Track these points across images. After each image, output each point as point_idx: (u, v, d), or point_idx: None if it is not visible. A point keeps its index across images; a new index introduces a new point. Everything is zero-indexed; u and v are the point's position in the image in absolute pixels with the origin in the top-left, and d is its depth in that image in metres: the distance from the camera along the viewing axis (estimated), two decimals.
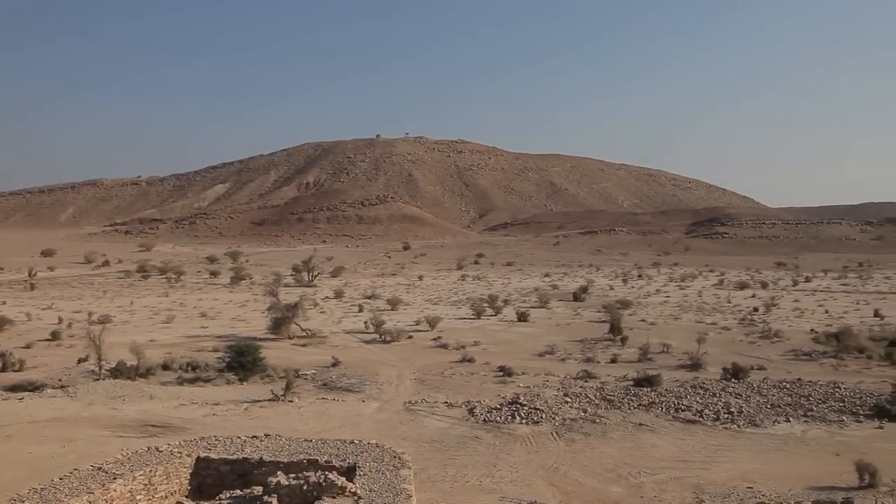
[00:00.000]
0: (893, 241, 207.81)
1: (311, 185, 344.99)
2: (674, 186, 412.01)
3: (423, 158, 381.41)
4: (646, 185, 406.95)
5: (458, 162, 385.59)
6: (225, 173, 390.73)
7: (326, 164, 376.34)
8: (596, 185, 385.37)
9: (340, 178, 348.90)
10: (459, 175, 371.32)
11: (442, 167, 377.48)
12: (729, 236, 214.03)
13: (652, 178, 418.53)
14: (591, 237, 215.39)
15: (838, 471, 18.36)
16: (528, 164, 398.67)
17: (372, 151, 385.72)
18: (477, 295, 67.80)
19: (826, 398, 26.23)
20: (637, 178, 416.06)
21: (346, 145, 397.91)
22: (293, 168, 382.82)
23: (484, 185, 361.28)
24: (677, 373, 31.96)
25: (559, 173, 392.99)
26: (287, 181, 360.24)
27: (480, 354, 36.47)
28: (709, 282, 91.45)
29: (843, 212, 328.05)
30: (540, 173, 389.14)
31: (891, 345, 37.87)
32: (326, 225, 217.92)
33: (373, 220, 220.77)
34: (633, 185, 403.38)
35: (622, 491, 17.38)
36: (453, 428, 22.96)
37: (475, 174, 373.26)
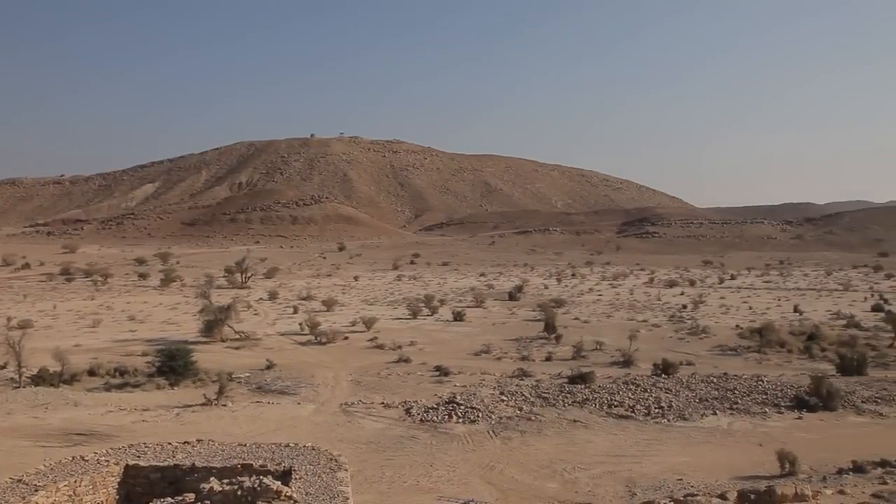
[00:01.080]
0: (811, 240, 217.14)
1: (244, 185, 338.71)
2: (606, 187, 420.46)
3: (359, 158, 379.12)
4: (578, 185, 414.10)
5: (394, 162, 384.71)
6: (154, 172, 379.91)
7: (259, 164, 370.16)
8: (530, 186, 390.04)
9: (274, 178, 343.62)
10: (395, 175, 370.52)
11: (377, 167, 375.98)
12: (659, 236, 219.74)
13: (584, 179, 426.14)
14: (526, 237, 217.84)
15: (761, 460, 19.05)
16: (464, 165, 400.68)
17: (306, 151, 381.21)
18: (413, 295, 67.75)
19: (750, 391, 27.16)
20: (570, 178, 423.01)
21: (280, 145, 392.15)
22: (225, 167, 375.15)
23: (419, 185, 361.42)
24: (610, 369, 32.62)
25: (494, 174, 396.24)
26: (219, 181, 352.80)
27: (417, 354, 36.47)
28: (640, 280, 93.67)
29: (765, 212, 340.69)
30: (475, 173, 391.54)
31: (809, 339, 39.58)
32: (260, 225, 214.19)
33: (307, 221, 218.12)
34: (566, 185, 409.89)
35: (557, 487, 17.63)
36: (390, 428, 22.88)
37: (411, 174, 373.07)
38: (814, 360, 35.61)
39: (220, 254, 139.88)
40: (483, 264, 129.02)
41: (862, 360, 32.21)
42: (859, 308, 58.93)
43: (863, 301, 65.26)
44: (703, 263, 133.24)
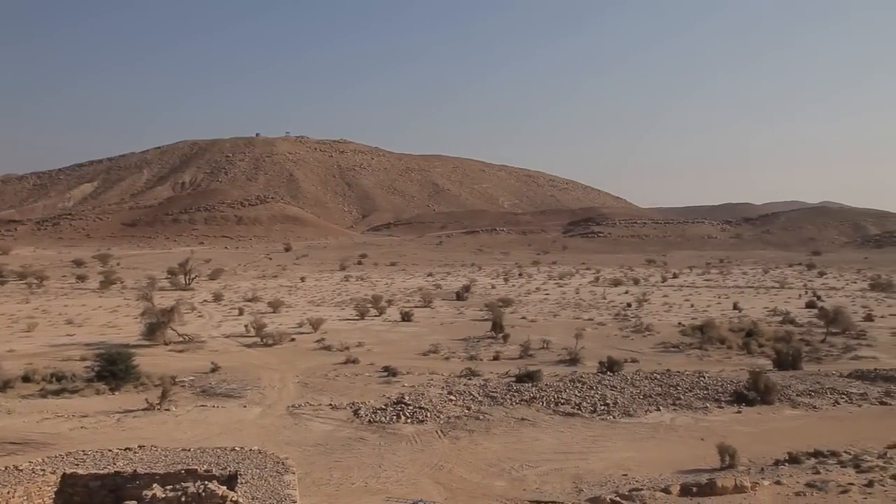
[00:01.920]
0: (749, 240, 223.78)
1: (188, 185, 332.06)
2: (552, 187, 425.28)
3: (305, 158, 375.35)
4: (525, 185, 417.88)
5: (341, 162, 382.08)
6: (92, 172, 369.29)
7: (203, 163, 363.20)
8: (477, 186, 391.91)
9: (218, 178, 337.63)
10: (342, 175, 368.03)
11: (324, 167, 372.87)
12: (604, 235, 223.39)
13: (531, 179, 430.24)
14: (473, 237, 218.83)
15: (703, 454, 19.54)
16: (411, 165, 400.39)
17: (251, 151, 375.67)
18: (360, 295, 67.41)
19: (692, 387, 27.82)
20: (517, 178, 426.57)
21: (224, 144, 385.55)
22: (168, 167, 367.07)
23: (367, 185, 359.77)
24: (557, 368, 33.00)
25: (441, 174, 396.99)
26: (161, 180, 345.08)
27: (365, 355, 36.29)
28: (585, 279, 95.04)
29: (706, 212, 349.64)
30: (422, 174, 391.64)
31: (747, 335, 40.74)
32: (204, 226, 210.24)
33: (253, 221, 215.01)
34: (513, 185, 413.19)
35: (506, 485, 17.76)
36: (338, 430, 22.72)
37: (358, 174, 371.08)
38: (752, 355, 36.64)
39: (162, 255, 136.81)
40: (431, 264, 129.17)
41: (797, 354, 33.33)
42: (794, 305, 60.94)
43: (797, 298, 67.51)
44: (647, 262, 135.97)
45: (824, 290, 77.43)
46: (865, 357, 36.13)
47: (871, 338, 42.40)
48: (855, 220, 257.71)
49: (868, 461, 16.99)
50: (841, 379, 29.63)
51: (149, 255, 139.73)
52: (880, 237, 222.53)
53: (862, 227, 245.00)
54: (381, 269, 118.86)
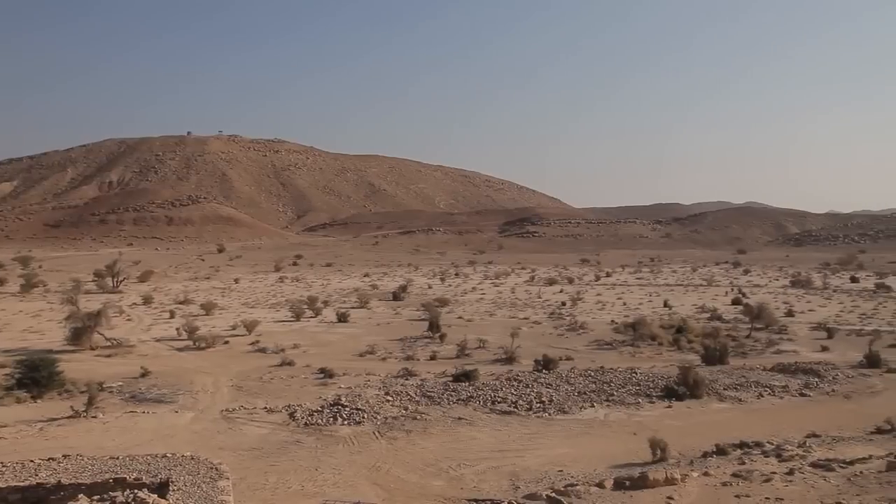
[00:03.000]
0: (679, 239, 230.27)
1: (115, 185, 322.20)
2: (488, 187, 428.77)
3: (238, 157, 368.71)
4: (461, 186, 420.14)
5: (275, 162, 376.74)
6: (12, 170, 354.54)
7: (132, 162, 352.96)
8: (413, 186, 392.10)
9: (148, 177, 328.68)
10: (276, 175, 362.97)
11: (258, 167, 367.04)
12: (539, 235, 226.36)
13: (467, 180, 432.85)
14: (410, 237, 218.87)
15: (635, 448, 20.02)
16: (347, 165, 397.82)
17: (182, 149, 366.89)
18: (296, 297, 66.59)
19: (625, 383, 28.46)
20: (453, 179, 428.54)
21: (154, 142, 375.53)
22: (94, 166, 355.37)
23: (302, 185, 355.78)
24: (493, 367, 33.28)
25: (378, 174, 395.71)
26: (87, 180, 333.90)
27: (300, 357, 35.86)
28: (521, 279, 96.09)
29: (638, 212, 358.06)
30: (358, 174, 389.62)
31: (677, 332, 41.91)
32: (133, 227, 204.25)
33: (184, 222, 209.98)
34: (449, 185, 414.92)
35: (443, 484, 17.83)
36: (273, 434, 22.40)
37: (293, 174, 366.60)
38: (682, 351, 37.69)
39: (88, 257, 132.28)
40: (367, 265, 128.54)
41: (724, 350, 34.46)
42: (721, 302, 62.97)
43: (724, 295, 69.78)
44: (581, 262, 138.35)
45: (749, 287, 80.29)
46: (787, 351, 37.62)
47: (792, 332, 44.17)
48: (777, 219, 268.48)
49: (789, 450, 17.72)
50: (764, 372, 30.78)
51: (74, 257, 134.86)
52: (800, 236, 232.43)
53: (783, 227, 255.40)
54: (316, 269, 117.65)
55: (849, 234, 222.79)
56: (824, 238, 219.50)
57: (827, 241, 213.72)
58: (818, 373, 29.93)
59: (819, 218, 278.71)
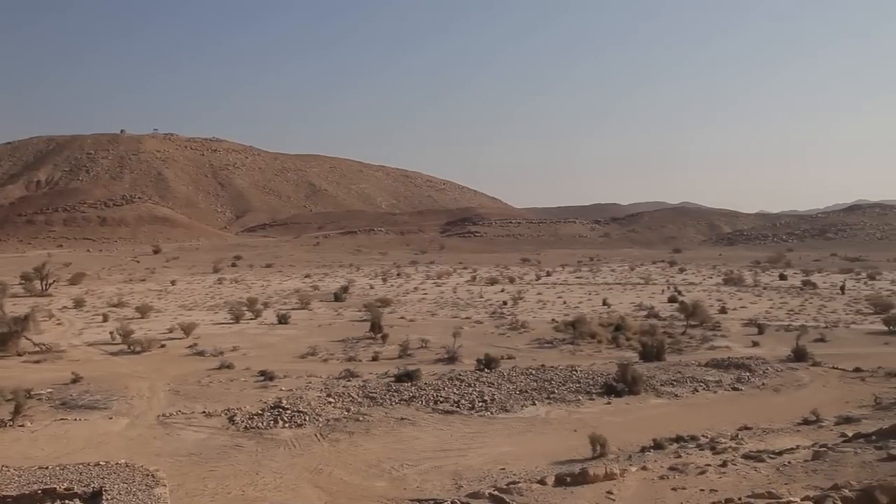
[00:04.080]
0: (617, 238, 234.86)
1: (44, 184, 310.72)
2: (429, 188, 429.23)
3: (175, 157, 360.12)
4: (403, 186, 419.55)
5: (213, 161, 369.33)
6: None
7: (61, 161, 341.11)
8: (355, 186, 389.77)
9: (79, 177, 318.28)
10: (214, 175, 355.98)
11: (195, 166, 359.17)
12: (480, 235, 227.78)
13: (408, 180, 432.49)
14: (351, 237, 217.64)
15: (576, 445, 20.34)
16: (287, 165, 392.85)
17: (116, 148, 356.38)
18: (235, 298, 65.41)
19: (565, 381, 28.86)
20: (394, 179, 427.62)
21: (85, 140, 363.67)
22: (20, 164, 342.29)
23: (241, 185, 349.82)
24: (435, 366, 33.33)
25: (318, 174, 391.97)
26: (13, 178, 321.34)
27: (240, 360, 35.24)
28: (463, 278, 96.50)
29: (577, 212, 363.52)
30: (299, 174, 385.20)
31: (616, 330, 42.72)
32: (63, 227, 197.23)
33: (118, 223, 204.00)
34: (390, 186, 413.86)
35: (386, 485, 17.78)
36: (212, 438, 21.97)
37: (231, 174, 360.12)
38: (620, 348, 38.43)
39: (15, 259, 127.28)
40: (308, 265, 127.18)
41: (660, 346, 35.29)
42: (658, 300, 64.46)
43: (661, 293, 71.44)
44: (522, 261, 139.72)
45: (684, 285, 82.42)
46: (720, 347, 38.73)
47: (725, 329, 45.51)
48: (710, 219, 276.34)
49: (723, 443, 18.27)
50: (699, 368, 31.65)
51: None
52: (732, 235, 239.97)
53: (716, 226, 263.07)
54: (256, 270, 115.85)
55: (777, 234, 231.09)
56: (755, 237, 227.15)
57: (757, 240, 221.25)
58: (749, 367, 30.91)
59: (750, 218, 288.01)
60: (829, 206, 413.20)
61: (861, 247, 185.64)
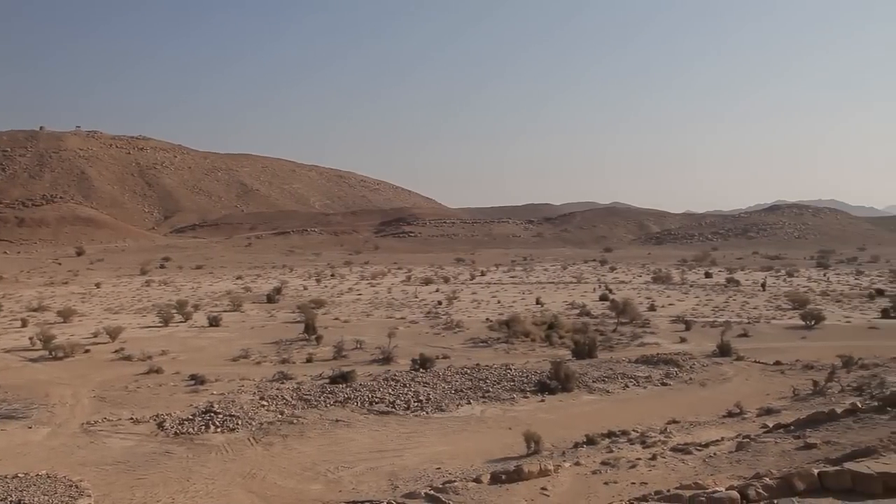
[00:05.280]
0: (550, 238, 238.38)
1: None
2: (363, 188, 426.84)
3: (99, 155, 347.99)
4: (336, 186, 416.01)
5: (140, 160, 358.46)
6: None
7: None
8: (287, 186, 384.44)
9: None
10: (141, 174, 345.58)
11: (121, 165, 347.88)
12: (414, 235, 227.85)
13: (342, 180, 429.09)
14: (284, 238, 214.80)
15: (511, 442, 20.54)
16: (217, 164, 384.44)
17: (35, 145, 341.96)
18: (164, 301, 63.70)
19: (500, 379, 29.11)
20: (328, 179, 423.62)
21: (1, 137, 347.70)
22: None
23: (169, 184, 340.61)
24: (370, 367, 33.16)
25: (250, 174, 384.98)
26: None
27: (170, 364, 34.34)
28: (397, 279, 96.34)
29: (510, 212, 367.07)
30: (230, 173, 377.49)
31: (549, 328, 43.30)
32: None
33: (38, 223, 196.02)
34: (324, 186, 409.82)
35: (321, 488, 17.61)
36: (140, 445, 21.34)
37: (159, 173, 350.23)
38: (553, 346, 38.96)
39: None
40: (240, 267, 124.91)
41: (592, 344, 35.94)
42: (589, 298, 65.65)
43: (592, 292, 72.81)
44: (456, 261, 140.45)
45: (615, 283, 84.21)
46: (650, 343, 39.71)
47: (654, 326, 46.69)
48: (639, 219, 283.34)
49: (652, 437, 18.75)
50: (629, 364, 32.37)
51: None
52: (660, 234, 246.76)
53: (645, 226, 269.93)
54: (186, 272, 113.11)
55: (703, 233, 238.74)
56: (682, 236, 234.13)
57: (684, 239, 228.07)
58: (677, 363, 31.77)
59: (677, 217, 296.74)
60: (751, 207, 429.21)
61: (780, 245, 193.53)
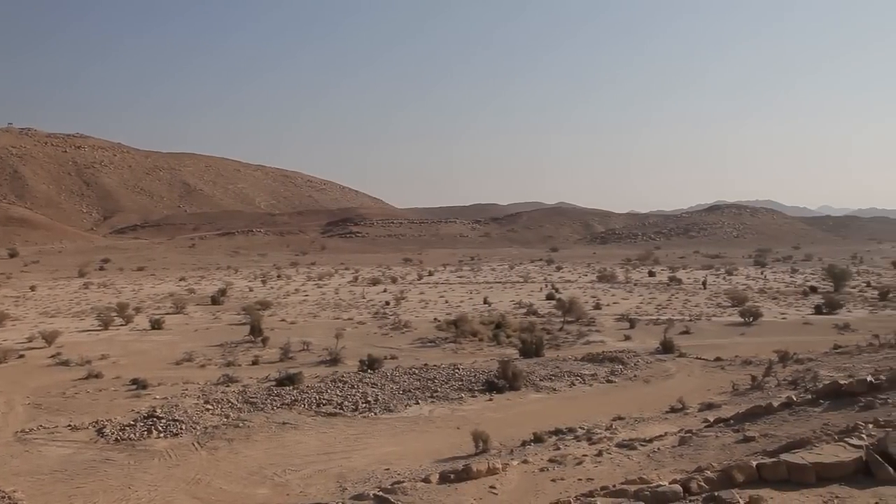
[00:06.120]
0: (497, 238, 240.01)
1: None
2: (310, 188, 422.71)
3: (33, 153, 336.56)
4: (282, 186, 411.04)
5: (77, 158, 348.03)
6: None
7: None
8: (232, 186, 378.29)
9: None
10: (79, 173, 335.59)
11: (57, 164, 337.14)
12: (362, 235, 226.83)
13: (288, 180, 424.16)
14: (229, 238, 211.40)
15: (459, 442, 20.61)
16: (159, 163, 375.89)
17: None
18: (104, 304, 61.96)
19: (448, 379, 29.18)
20: (274, 179, 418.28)
21: None
22: None
23: (109, 184, 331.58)
24: (318, 369, 32.88)
25: (193, 173, 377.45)
26: None
27: (110, 368, 33.41)
28: (345, 279, 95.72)
29: (458, 212, 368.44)
30: (172, 173, 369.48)
31: (497, 327, 43.62)
32: None
33: None
34: (269, 185, 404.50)
35: (268, 492, 17.38)
36: (79, 453, 20.71)
37: (98, 172, 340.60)
38: (501, 346, 39.24)
39: None
40: (183, 268, 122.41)
41: (539, 343, 36.32)
42: (536, 297, 66.33)
43: (539, 291, 73.56)
44: (404, 261, 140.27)
45: (561, 282, 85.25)
46: (595, 341, 40.33)
47: (600, 324, 47.42)
48: (585, 219, 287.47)
49: (598, 433, 19.03)
50: (576, 362, 32.82)
51: None
52: (605, 234, 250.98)
53: (590, 226, 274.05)
54: (127, 274, 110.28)
55: (646, 233, 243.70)
56: (626, 236, 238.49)
57: (628, 238, 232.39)
58: (622, 360, 32.33)
59: (621, 217, 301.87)
60: (693, 207, 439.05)
61: (720, 244, 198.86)
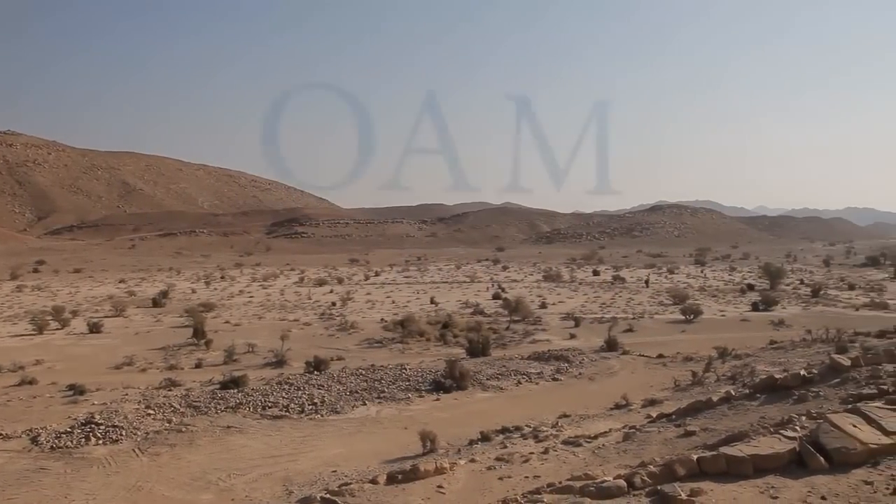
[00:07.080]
0: (443, 238, 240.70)
1: None
2: (254, 188, 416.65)
3: None
4: (226, 185, 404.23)
5: (9, 156, 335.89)
6: None
7: None
8: (174, 186, 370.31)
9: None
10: (11, 172, 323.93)
11: None
12: (308, 236, 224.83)
13: (232, 180, 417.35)
14: (171, 239, 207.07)
15: (407, 442, 20.58)
16: (97, 162, 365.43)
17: None
18: (38, 307, 59.92)
19: (395, 379, 29.10)
20: (217, 178, 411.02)
21: None
22: None
23: (43, 183, 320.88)
24: (263, 371, 32.45)
25: (133, 172, 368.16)
26: None
27: (45, 374, 32.32)
28: (290, 280, 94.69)
29: (404, 212, 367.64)
30: (111, 172, 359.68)
31: (443, 327, 43.73)
32: None
33: None
34: (212, 185, 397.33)
35: (213, 497, 17.07)
36: (11, 462, 19.97)
37: (31, 171, 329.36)
38: (448, 345, 39.36)
39: None
40: (123, 270, 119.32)
41: (486, 342, 36.52)
42: (483, 297, 66.74)
43: (486, 290, 74.04)
44: (350, 261, 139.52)
45: (507, 282, 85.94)
46: (541, 340, 40.78)
47: (546, 323, 47.97)
48: (530, 219, 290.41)
49: (544, 431, 19.24)
50: (522, 361, 33.09)
51: None
52: (550, 234, 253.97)
53: (536, 226, 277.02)
54: (63, 276, 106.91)
55: (591, 232, 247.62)
56: (571, 236, 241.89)
57: (573, 238, 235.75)
58: (568, 359, 32.73)
59: (566, 217, 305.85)
60: (635, 207, 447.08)
61: (662, 244, 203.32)
